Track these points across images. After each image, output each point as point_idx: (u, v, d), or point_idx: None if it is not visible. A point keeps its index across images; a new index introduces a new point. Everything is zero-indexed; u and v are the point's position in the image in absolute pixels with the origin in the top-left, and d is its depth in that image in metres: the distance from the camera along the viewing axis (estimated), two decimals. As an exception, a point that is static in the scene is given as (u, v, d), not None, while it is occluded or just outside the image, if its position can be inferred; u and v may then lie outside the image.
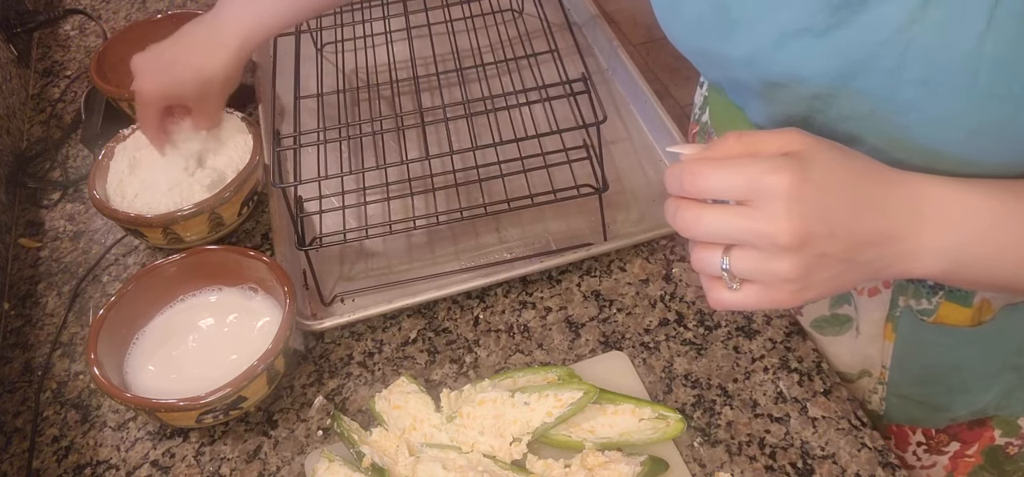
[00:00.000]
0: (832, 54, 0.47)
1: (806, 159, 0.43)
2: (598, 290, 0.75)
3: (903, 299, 0.62)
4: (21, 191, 0.91)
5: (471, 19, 1.00)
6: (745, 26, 0.50)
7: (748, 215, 0.43)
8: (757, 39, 0.50)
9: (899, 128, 0.47)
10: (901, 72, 0.44)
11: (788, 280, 0.44)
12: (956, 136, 0.46)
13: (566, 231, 0.80)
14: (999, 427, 0.66)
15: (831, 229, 0.43)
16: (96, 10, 1.19)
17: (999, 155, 0.46)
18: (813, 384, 0.67)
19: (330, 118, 0.91)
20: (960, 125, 0.45)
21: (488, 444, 0.60)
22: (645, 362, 0.69)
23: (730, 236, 0.44)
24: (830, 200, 0.43)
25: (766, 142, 0.45)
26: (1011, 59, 0.41)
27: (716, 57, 0.55)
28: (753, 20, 0.49)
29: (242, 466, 0.64)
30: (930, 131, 0.46)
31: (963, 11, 0.41)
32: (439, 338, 0.72)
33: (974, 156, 0.47)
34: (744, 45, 0.51)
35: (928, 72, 0.43)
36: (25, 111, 1.02)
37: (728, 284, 0.46)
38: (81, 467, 0.65)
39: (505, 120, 0.85)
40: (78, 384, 0.71)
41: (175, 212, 0.75)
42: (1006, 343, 0.61)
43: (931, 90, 0.44)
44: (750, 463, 0.62)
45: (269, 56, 1.05)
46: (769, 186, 0.42)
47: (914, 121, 0.46)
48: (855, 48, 0.46)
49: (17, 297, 0.80)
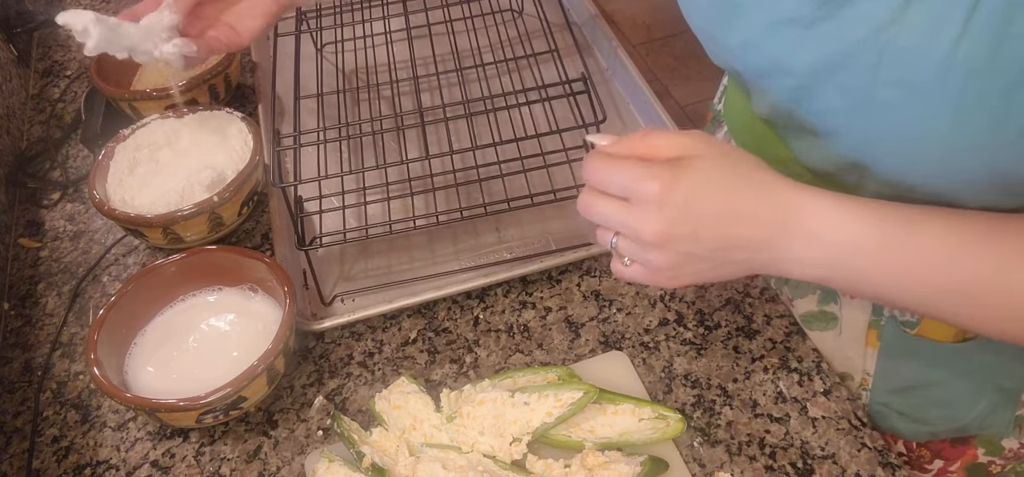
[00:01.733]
0: (815, 46, 0.48)
1: (685, 168, 0.48)
2: (598, 290, 0.75)
3: (887, 307, 0.62)
4: (21, 191, 0.91)
5: (471, 19, 1.00)
6: (744, 12, 0.52)
7: (626, 211, 0.50)
8: (751, 26, 0.52)
9: (878, 128, 0.48)
10: (878, 71, 0.45)
11: (660, 269, 0.51)
12: (933, 150, 0.45)
13: (566, 231, 0.80)
14: (982, 446, 0.66)
15: (695, 233, 0.48)
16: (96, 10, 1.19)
17: (978, 179, 0.46)
18: (813, 384, 0.67)
19: (330, 118, 0.91)
20: (935, 134, 0.44)
21: (488, 444, 0.60)
22: (645, 362, 0.69)
23: (614, 225, 0.51)
24: (697, 208, 0.48)
25: (663, 146, 0.50)
26: (985, 69, 0.41)
27: (719, 42, 0.57)
28: (751, 7, 0.51)
29: (242, 466, 0.64)
30: (906, 136, 0.46)
31: (941, 16, 0.41)
32: (439, 338, 0.72)
33: (953, 178, 0.46)
34: (740, 31, 0.53)
35: (904, 73, 0.44)
36: (25, 111, 1.02)
37: (620, 260, 0.53)
38: (81, 467, 0.65)
39: (505, 120, 0.85)
40: (78, 384, 0.71)
41: (175, 212, 0.75)
42: (990, 361, 0.61)
43: (906, 92, 0.44)
44: (750, 463, 0.62)
45: (269, 56, 1.05)
46: (642, 191, 0.49)
47: (892, 123, 0.46)
48: (837, 42, 0.47)
49: (17, 297, 0.80)
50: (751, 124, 0.66)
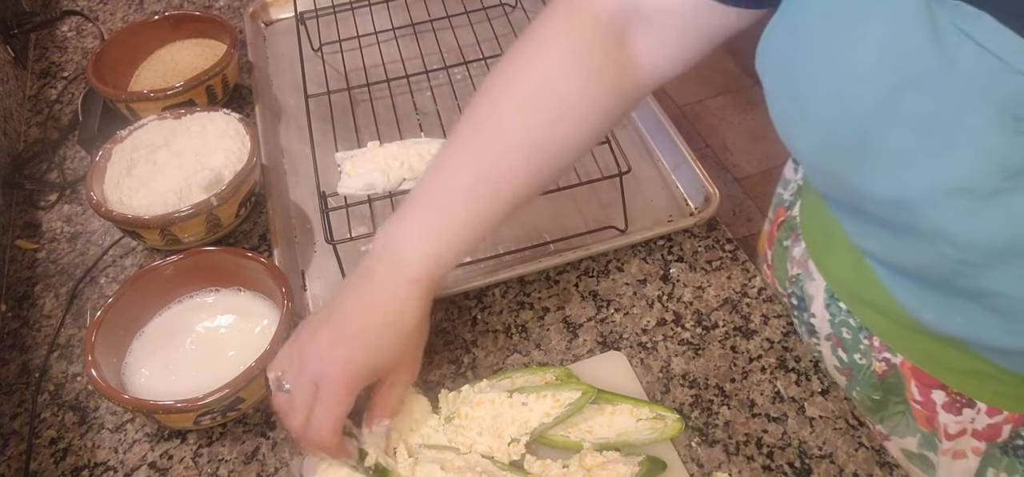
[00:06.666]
0: (996, 222, 0.40)
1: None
2: (596, 290, 0.75)
3: (993, 472, 0.58)
4: (18, 192, 0.91)
5: (468, 14, 1.00)
6: (896, 166, 0.43)
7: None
8: (909, 185, 0.43)
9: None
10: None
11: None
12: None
13: (564, 231, 0.80)
14: None
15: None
16: (93, 11, 1.19)
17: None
18: (810, 384, 0.67)
19: (329, 118, 0.91)
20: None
21: (486, 444, 0.60)
22: (643, 362, 0.69)
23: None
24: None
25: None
26: None
27: (846, 184, 0.48)
28: (905, 162, 0.42)
29: (240, 467, 0.64)
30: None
31: None
32: (437, 338, 0.72)
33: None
34: (891, 186, 0.44)
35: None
36: (22, 112, 1.02)
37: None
38: (79, 469, 0.65)
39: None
40: (76, 386, 0.71)
41: (172, 213, 0.75)
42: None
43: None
44: (748, 463, 0.62)
45: (265, 57, 1.05)
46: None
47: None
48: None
49: (14, 298, 0.80)
50: (843, 252, 0.60)
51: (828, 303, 0.65)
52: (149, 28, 1.00)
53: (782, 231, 0.73)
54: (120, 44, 0.97)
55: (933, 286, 0.51)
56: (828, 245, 0.64)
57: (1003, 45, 0.37)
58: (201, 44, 1.00)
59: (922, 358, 0.58)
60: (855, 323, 0.62)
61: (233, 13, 1.14)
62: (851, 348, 0.64)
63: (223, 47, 0.97)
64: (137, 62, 0.99)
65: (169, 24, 1.00)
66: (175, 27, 1.01)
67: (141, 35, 0.99)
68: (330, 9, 1.04)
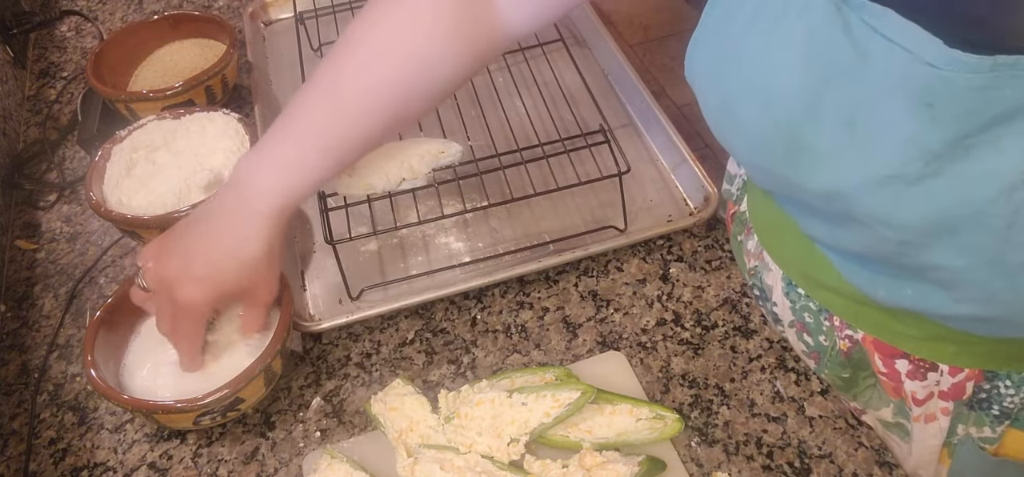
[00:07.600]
0: (926, 202, 0.43)
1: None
2: (595, 290, 0.75)
3: (962, 427, 0.59)
4: (17, 192, 0.91)
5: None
6: (826, 160, 0.46)
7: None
8: (841, 177, 0.46)
9: (1004, 289, 0.45)
10: (1011, 233, 0.42)
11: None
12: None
13: (564, 231, 0.80)
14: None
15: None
16: (92, 11, 1.19)
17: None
18: (810, 383, 0.67)
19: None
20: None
21: (486, 445, 0.60)
22: (642, 362, 0.69)
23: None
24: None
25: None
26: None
27: (783, 180, 0.51)
28: (834, 156, 0.46)
29: (240, 467, 0.64)
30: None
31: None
32: (437, 339, 0.72)
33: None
34: (824, 179, 0.47)
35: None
36: (21, 112, 1.02)
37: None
38: (78, 470, 0.65)
39: (512, 117, 0.85)
40: (75, 386, 0.71)
41: (172, 213, 0.75)
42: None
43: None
44: (747, 463, 0.62)
45: (265, 57, 1.05)
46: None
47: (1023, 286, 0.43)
48: (957, 202, 0.43)
49: (13, 299, 0.80)
50: (793, 241, 0.61)
51: (787, 291, 0.65)
52: (148, 28, 1.00)
53: (735, 225, 0.75)
54: (119, 44, 0.97)
55: (880, 266, 0.53)
56: (779, 235, 0.65)
57: (909, 37, 0.40)
58: (200, 44, 1.00)
59: (881, 331, 0.59)
60: (815, 306, 0.63)
61: (232, 13, 1.14)
62: (815, 331, 0.64)
63: (222, 47, 0.97)
64: (136, 62, 0.99)
65: (168, 24, 1.00)
66: (174, 27, 1.01)
67: (140, 35, 0.99)
68: (330, 9, 1.04)
